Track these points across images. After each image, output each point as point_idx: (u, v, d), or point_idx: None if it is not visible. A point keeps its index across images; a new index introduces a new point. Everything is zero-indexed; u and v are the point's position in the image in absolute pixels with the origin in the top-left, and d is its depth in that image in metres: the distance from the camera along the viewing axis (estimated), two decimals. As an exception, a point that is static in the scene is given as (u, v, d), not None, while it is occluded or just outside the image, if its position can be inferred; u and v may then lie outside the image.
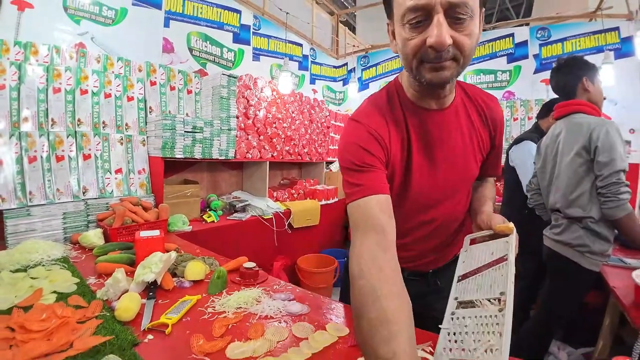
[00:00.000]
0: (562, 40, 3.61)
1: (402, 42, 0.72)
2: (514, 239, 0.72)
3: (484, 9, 0.74)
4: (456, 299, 0.70)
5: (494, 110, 0.93)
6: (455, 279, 0.75)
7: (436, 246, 1.02)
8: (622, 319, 1.54)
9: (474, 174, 0.96)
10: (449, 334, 0.65)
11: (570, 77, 1.69)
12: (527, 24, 3.91)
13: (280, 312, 1.00)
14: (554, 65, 1.80)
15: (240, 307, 1.03)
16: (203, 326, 0.94)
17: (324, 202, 3.40)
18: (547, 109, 2.39)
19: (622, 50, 3.33)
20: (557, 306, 1.76)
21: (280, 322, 0.95)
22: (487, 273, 0.70)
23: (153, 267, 1.13)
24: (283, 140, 3.22)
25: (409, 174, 0.88)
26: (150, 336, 0.89)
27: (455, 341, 0.63)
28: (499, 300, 0.62)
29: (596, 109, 1.63)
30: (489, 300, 0.64)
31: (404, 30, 0.71)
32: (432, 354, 0.79)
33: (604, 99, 1.75)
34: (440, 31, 0.65)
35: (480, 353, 0.57)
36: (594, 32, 3.47)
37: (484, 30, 4.04)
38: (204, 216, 2.42)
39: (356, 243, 0.71)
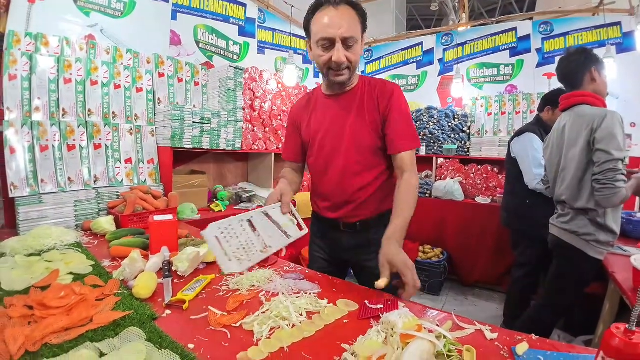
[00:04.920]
0: (564, 34, 3.63)
1: (316, 57, 1.18)
2: (298, 234, 1.12)
3: (365, 33, 1.21)
4: (251, 217, 1.03)
5: (383, 90, 1.24)
6: (263, 210, 1.08)
7: (343, 200, 1.31)
8: (621, 307, 1.58)
9: (367, 141, 1.25)
10: (230, 225, 0.97)
11: (579, 65, 1.69)
12: (531, 19, 3.92)
13: (292, 289, 1.04)
14: (562, 55, 1.80)
15: (254, 285, 1.08)
16: (219, 302, 0.98)
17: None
18: (544, 101, 2.41)
19: (624, 44, 3.35)
20: (561, 293, 1.79)
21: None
22: (276, 230, 1.06)
23: (181, 264, 1.20)
24: (288, 132, 3.24)
25: (316, 134, 1.32)
26: (168, 311, 0.93)
27: (230, 235, 0.96)
28: (266, 247, 1.01)
29: (600, 100, 1.64)
30: (260, 238, 1.02)
31: (318, 50, 1.16)
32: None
33: (607, 94, 1.77)
34: (339, 53, 1.12)
35: (231, 255, 0.94)
36: (596, 27, 3.49)
37: (486, 24, 4.08)
38: (211, 206, 2.47)
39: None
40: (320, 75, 1.29)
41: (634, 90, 3.29)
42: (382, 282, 0.95)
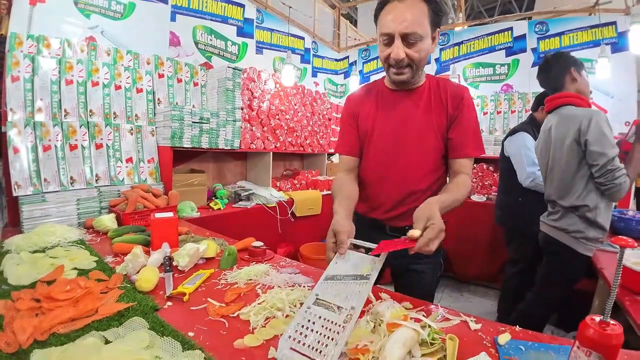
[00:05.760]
0: (559, 34, 3.66)
1: (379, 52, 1.14)
2: (381, 263, 0.86)
3: (438, 29, 1.12)
4: (317, 295, 0.81)
5: (453, 92, 1.18)
6: (323, 276, 0.87)
7: (397, 201, 1.23)
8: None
9: (431, 144, 1.19)
10: (298, 323, 0.76)
11: (558, 69, 1.74)
12: (530, 18, 3.95)
13: (287, 283, 1.09)
14: (540, 63, 1.85)
15: (251, 279, 1.13)
16: (217, 294, 1.03)
17: (325, 192, 3.47)
18: (538, 101, 2.46)
19: (619, 44, 3.37)
20: (551, 289, 1.83)
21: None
22: (349, 284, 0.83)
23: (181, 259, 1.23)
24: (286, 131, 3.29)
25: (374, 129, 1.25)
26: (169, 303, 0.98)
27: (300, 333, 0.74)
28: (349, 313, 0.75)
29: (584, 100, 1.68)
30: (340, 308, 0.76)
31: (380, 45, 1.11)
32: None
33: (591, 92, 1.80)
34: (397, 50, 1.05)
35: (314, 351, 0.69)
36: (592, 27, 3.52)
37: (484, 23, 4.10)
38: (210, 204, 2.51)
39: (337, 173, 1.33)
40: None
41: (629, 89, 3.34)
42: (416, 232, 0.87)
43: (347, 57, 5.03)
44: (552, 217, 1.79)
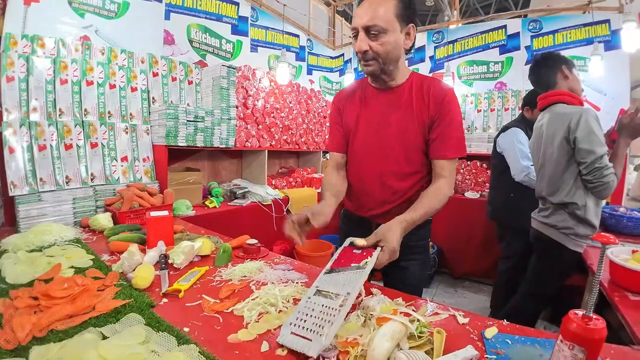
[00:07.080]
0: (553, 32, 3.69)
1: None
2: (376, 255, 0.95)
3: (411, 24, 1.13)
4: (317, 287, 0.88)
5: (436, 92, 1.18)
6: (324, 271, 0.94)
7: (380, 201, 1.26)
8: (601, 299, 1.65)
9: (412, 141, 1.20)
10: (299, 312, 0.82)
11: (549, 68, 1.75)
12: (526, 16, 3.98)
13: (281, 279, 1.11)
14: (531, 63, 1.86)
15: (245, 276, 1.15)
16: (212, 291, 1.05)
17: (321, 189, 3.48)
18: (523, 103, 2.50)
19: (612, 42, 3.40)
20: (542, 284, 1.85)
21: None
22: (346, 273, 0.90)
23: (176, 257, 1.26)
24: (281, 129, 3.31)
25: (357, 127, 1.29)
26: (165, 300, 1.00)
27: (301, 319, 0.80)
28: (345, 298, 0.81)
29: (577, 97, 1.70)
30: (337, 295, 0.83)
31: (352, 40, 1.14)
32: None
33: (582, 90, 1.82)
34: (359, 42, 1.10)
35: (312, 333, 0.76)
36: (585, 25, 3.54)
37: (478, 21, 4.10)
38: (206, 202, 2.53)
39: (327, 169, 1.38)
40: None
41: (622, 87, 3.36)
42: (361, 242, 1.00)
43: (342, 54, 5.03)
44: (543, 213, 1.81)
